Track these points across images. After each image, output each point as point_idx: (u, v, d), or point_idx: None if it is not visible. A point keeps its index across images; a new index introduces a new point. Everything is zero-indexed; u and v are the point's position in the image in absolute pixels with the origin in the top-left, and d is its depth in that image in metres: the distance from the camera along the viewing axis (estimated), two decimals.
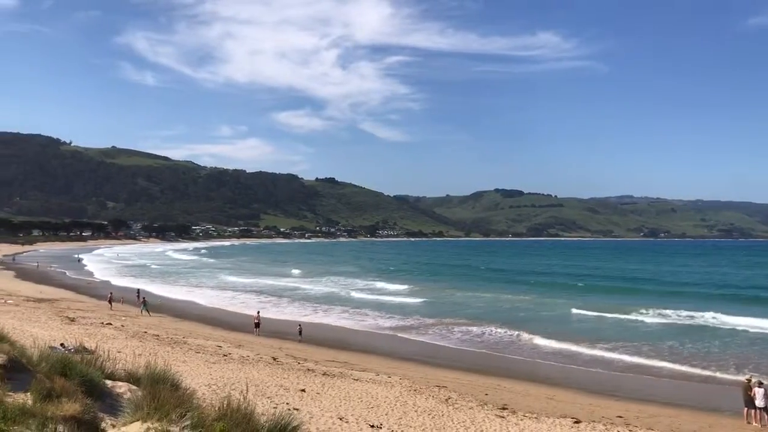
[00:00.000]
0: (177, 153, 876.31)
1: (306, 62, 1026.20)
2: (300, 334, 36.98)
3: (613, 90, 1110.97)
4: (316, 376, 23.98)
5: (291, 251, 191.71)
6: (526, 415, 20.06)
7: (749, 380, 22.30)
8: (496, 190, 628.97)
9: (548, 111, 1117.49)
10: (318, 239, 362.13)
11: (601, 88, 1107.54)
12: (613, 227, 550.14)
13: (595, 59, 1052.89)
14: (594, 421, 19.71)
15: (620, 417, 20.75)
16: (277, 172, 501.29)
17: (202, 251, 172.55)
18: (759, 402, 21.10)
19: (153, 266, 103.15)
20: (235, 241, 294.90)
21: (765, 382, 22.14)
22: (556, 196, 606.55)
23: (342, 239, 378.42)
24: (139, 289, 54.80)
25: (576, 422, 19.39)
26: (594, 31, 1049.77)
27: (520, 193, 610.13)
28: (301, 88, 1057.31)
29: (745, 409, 21.61)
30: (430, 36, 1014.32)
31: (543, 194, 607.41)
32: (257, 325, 38.18)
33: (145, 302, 44.81)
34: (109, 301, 46.49)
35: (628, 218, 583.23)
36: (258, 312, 40.43)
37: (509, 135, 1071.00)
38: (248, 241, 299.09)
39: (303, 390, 20.79)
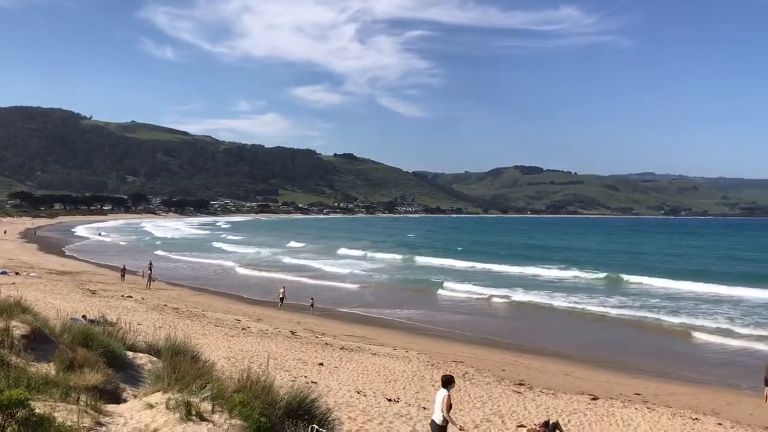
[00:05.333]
0: (196, 128, 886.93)
1: (324, 37, 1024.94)
2: (312, 306, 37.36)
3: (635, 66, 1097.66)
4: (334, 350, 24.13)
5: (308, 226, 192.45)
6: (543, 391, 20.07)
7: None
8: (515, 167, 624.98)
9: (569, 87, 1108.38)
10: (336, 215, 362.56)
11: (623, 64, 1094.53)
12: (633, 205, 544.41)
13: (618, 34, 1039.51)
14: (612, 398, 19.66)
15: (638, 394, 20.68)
16: (296, 148, 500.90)
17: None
18: None
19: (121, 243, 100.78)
20: (252, 217, 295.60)
21: None
22: (575, 173, 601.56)
23: (360, 215, 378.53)
24: (150, 261, 54.92)
25: (593, 399, 19.35)
26: (616, 5, 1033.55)
27: (540, 170, 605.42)
28: (319, 62, 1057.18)
29: (766, 388, 21.45)
30: (449, 10, 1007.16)
31: (562, 171, 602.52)
32: (282, 299, 38.47)
33: (150, 275, 44.95)
34: (122, 275, 46.51)
35: (648, 196, 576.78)
36: (284, 287, 40.59)
37: (529, 111, 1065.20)
38: (264, 217, 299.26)
39: (321, 364, 20.95)
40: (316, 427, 7.96)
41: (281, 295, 38.76)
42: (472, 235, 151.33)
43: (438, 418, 10.89)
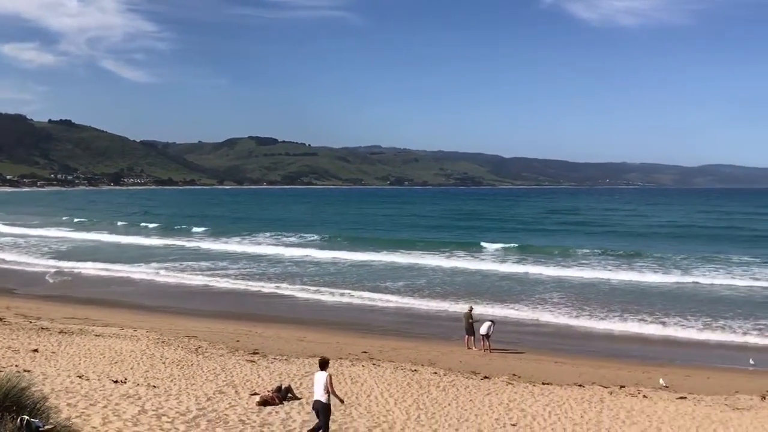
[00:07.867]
0: None
1: None
2: None
3: (363, 43, 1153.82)
4: (51, 334, 22.18)
5: None
6: (277, 357, 20.58)
7: (471, 310, 25.23)
8: (250, 138, 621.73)
9: (304, 60, 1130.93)
10: (52, 188, 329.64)
11: (353, 41, 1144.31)
12: (363, 176, 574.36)
13: (347, 9, 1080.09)
14: (341, 358, 20.83)
15: (365, 352, 22.19)
16: (2, 112, 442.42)
17: None
18: (483, 330, 23.90)
19: None
20: None
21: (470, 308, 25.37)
22: (309, 145, 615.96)
23: (81, 187, 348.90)
24: None
25: None
26: None
27: (275, 141, 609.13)
28: (29, 17, 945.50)
29: (466, 336, 24.38)
30: None
31: (297, 143, 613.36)
32: None
33: None
34: None
35: (376, 167, 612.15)
36: None
37: (264, 82, 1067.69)
38: None
39: (36, 350, 19.14)
40: (27, 417, 7.35)
41: None
42: (176, 209, 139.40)
43: (323, 397, 12.08)
